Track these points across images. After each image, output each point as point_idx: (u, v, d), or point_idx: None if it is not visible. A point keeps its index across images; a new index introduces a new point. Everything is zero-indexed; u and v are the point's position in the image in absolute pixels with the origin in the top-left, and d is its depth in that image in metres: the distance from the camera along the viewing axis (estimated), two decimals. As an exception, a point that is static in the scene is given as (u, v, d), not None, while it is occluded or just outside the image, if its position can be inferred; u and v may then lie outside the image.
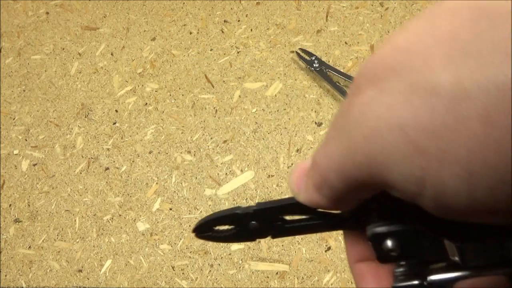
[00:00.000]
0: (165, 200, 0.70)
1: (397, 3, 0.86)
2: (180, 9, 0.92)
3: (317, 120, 0.74)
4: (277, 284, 0.62)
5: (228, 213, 0.22)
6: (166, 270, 0.65)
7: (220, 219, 0.22)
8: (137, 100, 0.81)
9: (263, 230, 0.22)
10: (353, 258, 0.22)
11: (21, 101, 0.85)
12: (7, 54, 0.91)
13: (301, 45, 0.82)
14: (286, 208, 0.22)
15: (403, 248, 0.18)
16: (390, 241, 0.18)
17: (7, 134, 0.81)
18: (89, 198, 0.72)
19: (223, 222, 0.23)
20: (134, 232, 0.68)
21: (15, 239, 0.70)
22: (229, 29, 0.87)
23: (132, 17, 0.92)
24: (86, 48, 0.90)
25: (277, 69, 0.80)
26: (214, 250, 0.65)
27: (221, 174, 0.71)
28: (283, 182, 0.69)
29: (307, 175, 0.19)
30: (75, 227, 0.70)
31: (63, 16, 0.95)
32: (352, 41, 0.82)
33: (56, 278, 0.66)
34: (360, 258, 0.22)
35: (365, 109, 0.14)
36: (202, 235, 0.23)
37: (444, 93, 0.12)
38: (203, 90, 0.80)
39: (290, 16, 0.87)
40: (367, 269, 0.21)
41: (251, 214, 0.22)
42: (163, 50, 0.86)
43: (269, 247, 0.64)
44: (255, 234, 0.22)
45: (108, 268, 0.66)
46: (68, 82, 0.86)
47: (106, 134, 0.78)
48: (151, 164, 0.74)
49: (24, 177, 0.76)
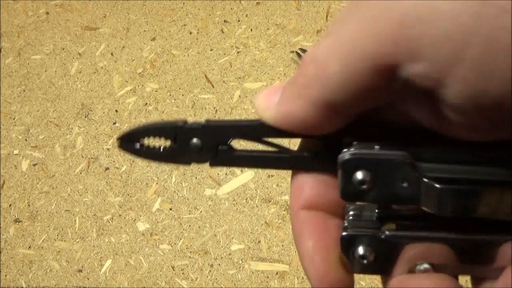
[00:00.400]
0: (165, 200, 0.70)
1: (397, 3, 0.86)
2: (180, 9, 0.92)
3: (317, 120, 0.74)
4: (277, 284, 0.62)
5: (168, 125, 0.19)
6: (166, 270, 0.65)
7: (156, 129, 0.19)
8: (137, 100, 0.81)
9: (204, 153, 0.19)
10: (298, 204, 0.18)
11: (21, 101, 0.85)
12: (7, 54, 0.91)
13: (301, 45, 0.82)
14: (241, 130, 0.19)
15: (374, 183, 0.16)
16: (362, 172, 0.16)
17: (7, 134, 0.81)
18: (89, 198, 0.72)
19: (159, 133, 0.19)
20: (134, 232, 0.68)
21: (15, 239, 0.70)
22: (229, 29, 0.87)
23: (132, 17, 0.92)
24: (86, 48, 0.90)
25: (277, 69, 0.80)
26: (214, 250, 0.65)
27: (221, 174, 0.71)
28: (283, 182, 0.69)
29: (284, 86, 0.17)
30: (75, 227, 0.70)
31: (63, 16, 0.95)
32: (352, 41, 0.82)
33: (56, 278, 0.66)
34: (306, 205, 0.18)
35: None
36: (127, 146, 0.19)
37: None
38: (203, 90, 0.80)
39: (290, 16, 0.87)
40: (313, 219, 0.18)
41: (196, 130, 0.19)
42: (163, 50, 0.86)
43: (269, 247, 0.64)
44: (193, 157, 0.19)
45: (108, 268, 0.66)
46: (68, 82, 0.86)
47: (106, 134, 0.78)
48: (151, 164, 0.74)
49: (24, 177, 0.76)
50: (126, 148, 0.19)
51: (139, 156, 0.20)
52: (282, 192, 0.68)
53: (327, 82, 0.15)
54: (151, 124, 0.19)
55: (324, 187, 0.18)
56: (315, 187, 0.18)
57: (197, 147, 0.19)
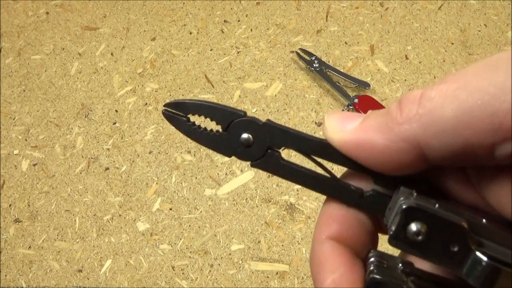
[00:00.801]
0: (165, 200, 0.70)
1: (397, 3, 0.86)
2: (180, 9, 0.92)
3: (317, 120, 0.74)
4: (277, 284, 0.62)
5: (227, 110, 0.18)
6: (166, 270, 0.65)
7: (211, 109, 0.18)
8: (137, 100, 0.81)
9: (252, 151, 0.18)
10: (326, 232, 0.18)
11: (21, 101, 0.85)
12: (7, 54, 0.91)
13: (301, 45, 0.82)
14: (299, 142, 0.18)
15: (427, 238, 0.16)
16: (421, 224, 0.16)
17: (7, 134, 0.81)
18: (89, 198, 0.72)
19: (212, 115, 0.18)
20: (134, 232, 0.68)
21: (15, 239, 0.70)
22: (229, 29, 0.87)
23: (132, 17, 0.92)
24: (86, 48, 0.90)
25: (277, 69, 0.80)
26: (214, 250, 0.65)
27: (221, 174, 0.71)
28: (283, 182, 0.69)
29: (368, 116, 0.16)
30: (75, 227, 0.70)
31: (63, 16, 0.95)
32: (352, 41, 0.82)
33: (56, 278, 0.66)
34: (335, 236, 0.18)
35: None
36: (171, 116, 0.18)
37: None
38: (203, 90, 0.80)
39: (290, 16, 0.87)
40: (341, 251, 0.17)
41: (254, 125, 0.18)
42: (163, 50, 0.86)
43: (269, 247, 0.64)
44: (237, 150, 0.18)
45: (108, 268, 0.66)
46: (68, 82, 0.86)
47: (106, 134, 0.78)
48: (151, 164, 0.74)
49: (24, 177, 0.76)
50: (169, 117, 0.18)
51: (179, 129, 0.18)
52: (282, 192, 0.68)
53: (432, 125, 0.14)
54: (208, 102, 0.18)
55: (357, 224, 0.18)
56: (349, 222, 0.18)
57: (247, 143, 0.18)
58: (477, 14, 0.83)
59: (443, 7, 0.85)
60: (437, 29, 0.82)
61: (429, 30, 0.82)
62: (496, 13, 0.82)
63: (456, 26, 0.82)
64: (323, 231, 0.18)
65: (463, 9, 0.84)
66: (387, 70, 0.78)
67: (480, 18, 0.82)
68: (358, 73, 0.78)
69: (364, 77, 0.77)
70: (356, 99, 0.72)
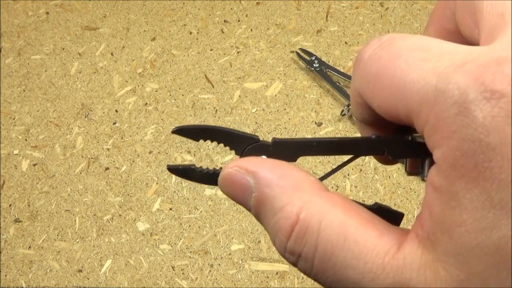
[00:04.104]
0: (165, 200, 0.70)
1: (397, 3, 0.86)
2: (180, 9, 0.92)
3: (317, 120, 0.74)
4: (277, 284, 0.62)
5: (245, 135, 0.19)
6: (166, 270, 0.65)
7: (229, 135, 0.19)
8: (137, 100, 0.81)
9: None
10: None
11: (21, 101, 0.85)
12: (7, 54, 0.91)
13: (301, 45, 0.82)
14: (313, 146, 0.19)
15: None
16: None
17: (7, 134, 0.81)
18: (89, 198, 0.72)
19: (219, 138, 0.19)
20: (134, 232, 0.68)
21: (15, 239, 0.70)
22: (229, 29, 0.87)
23: (132, 17, 0.92)
24: (86, 48, 0.90)
25: (277, 69, 0.80)
26: (214, 250, 0.65)
27: (221, 174, 0.71)
28: (283, 182, 0.69)
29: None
30: (75, 227, 0.70)
31: (63, 16, 0.95)
32: (352, 41, 0.82)
33: (56, 278, 0.66)
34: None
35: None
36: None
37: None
38: (203, 90, 0.80)
39: (290, 16, 0.87)
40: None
41: (265, 146, 0.18)
42: (163, 50, 0.86)
43: (269, 247, 0.64)
44: None
45: (108, 268, 0.66)
46: (68, 82, 0.86)
47: (106, 134, 0.78)
48: (151, 164, 0.74)
49: (24, 177, 0.76)
50: (176, 170, 0.20)
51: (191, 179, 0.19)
52: (282, 192, 0.68)
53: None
54: (224, 128, 0.19)
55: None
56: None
57: None
58: (477, 14, 0.83)
59: (443, 7, 0.85)
60: (437, 29, 0.82)
61: (429, 30, 0.82)
62: (496, 13, 0.82)
63: (456, 26, 0.82)
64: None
65: (463, 9, 0.84)
66: (387, 70, 0.78)
67: (480, 18, 0.82)
68: (358, 73, 0.78)
69: (364, 77, 0.77)
70: (356, 99, 0.72)
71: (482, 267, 0.12)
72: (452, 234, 0.13)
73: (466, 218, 0.13)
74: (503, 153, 0.12)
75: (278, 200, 0.16)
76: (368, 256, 0.14)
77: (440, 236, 0.13)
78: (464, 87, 0.13)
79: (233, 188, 0.18)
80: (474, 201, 0.12)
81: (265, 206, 0.17)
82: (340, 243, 0.15)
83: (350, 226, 0.15)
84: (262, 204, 0.17)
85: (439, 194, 0.14)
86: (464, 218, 0.13)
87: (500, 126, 0.12)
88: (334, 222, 0.15)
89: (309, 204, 0.16)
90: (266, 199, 0.17)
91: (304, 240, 0.15)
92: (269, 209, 0.17)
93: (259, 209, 0.17)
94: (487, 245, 0.12)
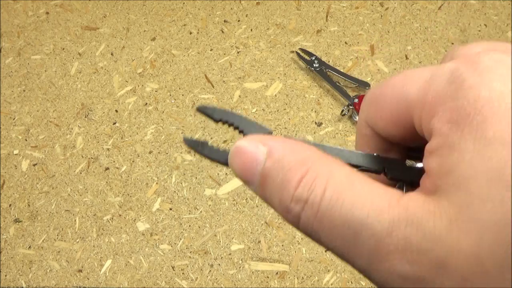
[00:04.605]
0: (165, 200, 0.70)
1: (397, 3, 0.86)
2: (180, 9, 0.92)
3: (317, 120, 0.74)
4: (277, 284, 0.62)
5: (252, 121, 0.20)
6: (166, 270, 0.65)
7: (239, 117, 0.20)
8: (137, 100, 0.81)
9: None
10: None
11: (21, 101, 0.85)
12: (7, 54, 0.91)
13: (301, 45, 0.82)
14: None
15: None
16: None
17: (7, 134, 0.81)
18: (89, 198, 0.72)
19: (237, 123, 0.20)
20: (134, 232, 0.68)
21: (15, 239, 0.70)
22: (229, 29, 0.87)
23: (132, 17, 0.92)
24: (86, 48, 0.90)
25: (277, 69, 0.80)
26: (214, 250, 0.65)
27: (221, 174, 0.71)
28: (283, 182, 0.69)
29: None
30: (75, 227, 0.70)
31: (63, 16, 0.95)
32: (352, 41, 0.82)
33: (56, 278, 0.66)
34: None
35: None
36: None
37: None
38: (203, 90, 0.80)
39: (290, 16, 0.87)
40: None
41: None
42: (163, 50, 0.86)
43: (269, 247, 0.64)
44: None
45: (108, 268, 0.66)
46: (68, 82, 0.86)
47: (106, 134, 0.78)
48: (151, 164, 0.74)
49: (24, 177, 0.76)
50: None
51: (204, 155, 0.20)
52: (282, 192, 0.68)
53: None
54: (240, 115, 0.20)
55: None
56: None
57: None
58: (477, 14, 0.83)
59: (443, 7, 0.85)
60: (437, 29, 0.82)
61: (429, 30, 0.82)
62: (496, 13, 0.82)
63: (456, 26, 0.82)
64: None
65: (463, 9, 0.84)
66: (387, 70, 0.78)
67: (480, 18, 0.82)
68: (358, 73, 0.78)
69: (364, 77, 0.77)
70: (356, 99, 0.72)
71: (482, 189, 0.13)
72: (453, 173, 0.14)
73: (465, 154, 0.14)
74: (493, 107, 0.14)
75: (288, 162, 0.17)
76: (374, 197, 0.16)
77: (443, 179, 0.14)
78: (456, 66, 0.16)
79: (244, 158, 0.18)
80: (470, 142, 0.14)
81: (275, 170, 0.17)
82: (348, 186, 0.16)
83: (357, 178, 0.16)
84: (272, 168, 0.17)
85: (436, 153, 0.15)
86: (463, 156, 0.14)
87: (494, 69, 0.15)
88: (342, 173, 0.17)
89: (319, 161, 0.17)
90: (278, 161, 0.17)
91: (313, 185, 0.16)
92: (279, 170, 0.17)
93: (268, 173, 0.18)
94: (487, 169, 0.13)
